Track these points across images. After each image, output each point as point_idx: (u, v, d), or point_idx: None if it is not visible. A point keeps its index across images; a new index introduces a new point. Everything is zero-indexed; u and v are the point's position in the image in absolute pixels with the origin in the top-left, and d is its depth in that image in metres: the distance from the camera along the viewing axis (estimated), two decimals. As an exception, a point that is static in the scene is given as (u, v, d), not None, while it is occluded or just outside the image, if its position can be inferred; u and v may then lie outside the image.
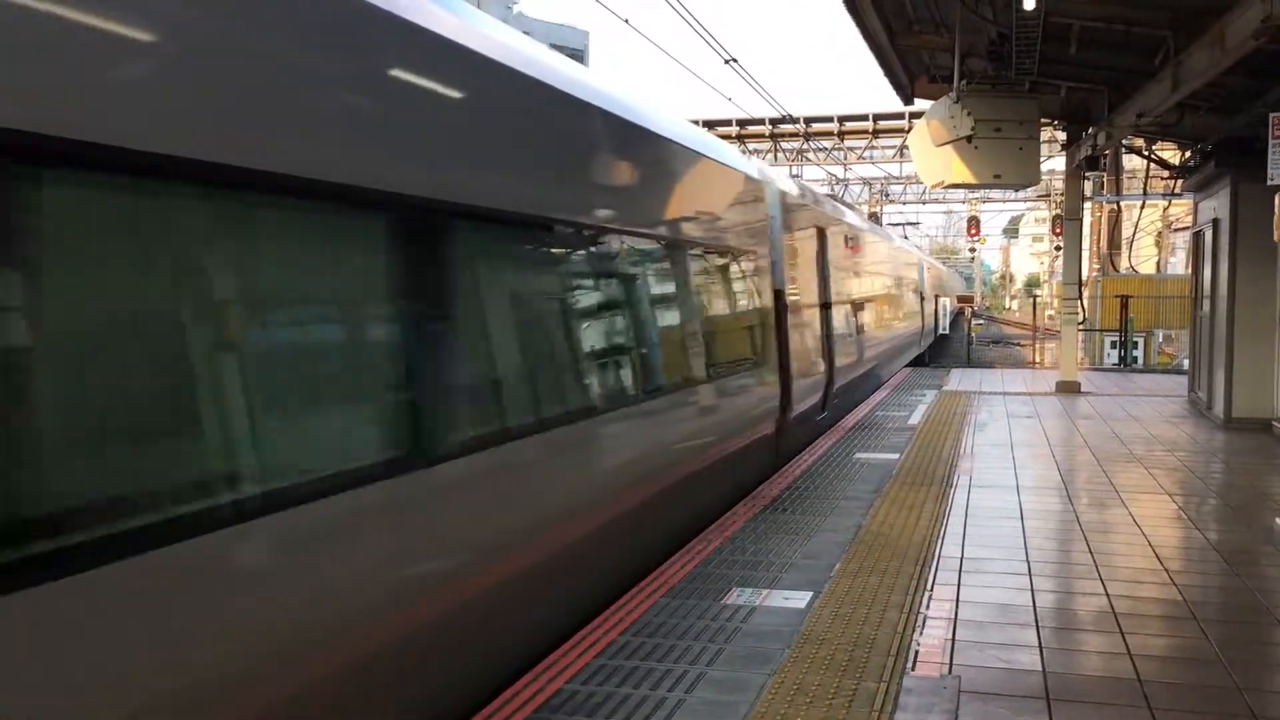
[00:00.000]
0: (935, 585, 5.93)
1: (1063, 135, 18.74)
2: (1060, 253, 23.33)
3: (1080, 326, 19.06)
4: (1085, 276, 26.22)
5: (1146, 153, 18.14)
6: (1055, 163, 30.69)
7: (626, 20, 15.90)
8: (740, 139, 35.92)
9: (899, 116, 35.37)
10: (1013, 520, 7.65)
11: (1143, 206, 28.81)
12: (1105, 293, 27.28)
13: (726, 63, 16.01)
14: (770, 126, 36.40)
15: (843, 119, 37.59)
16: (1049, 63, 12.93)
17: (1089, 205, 26.74)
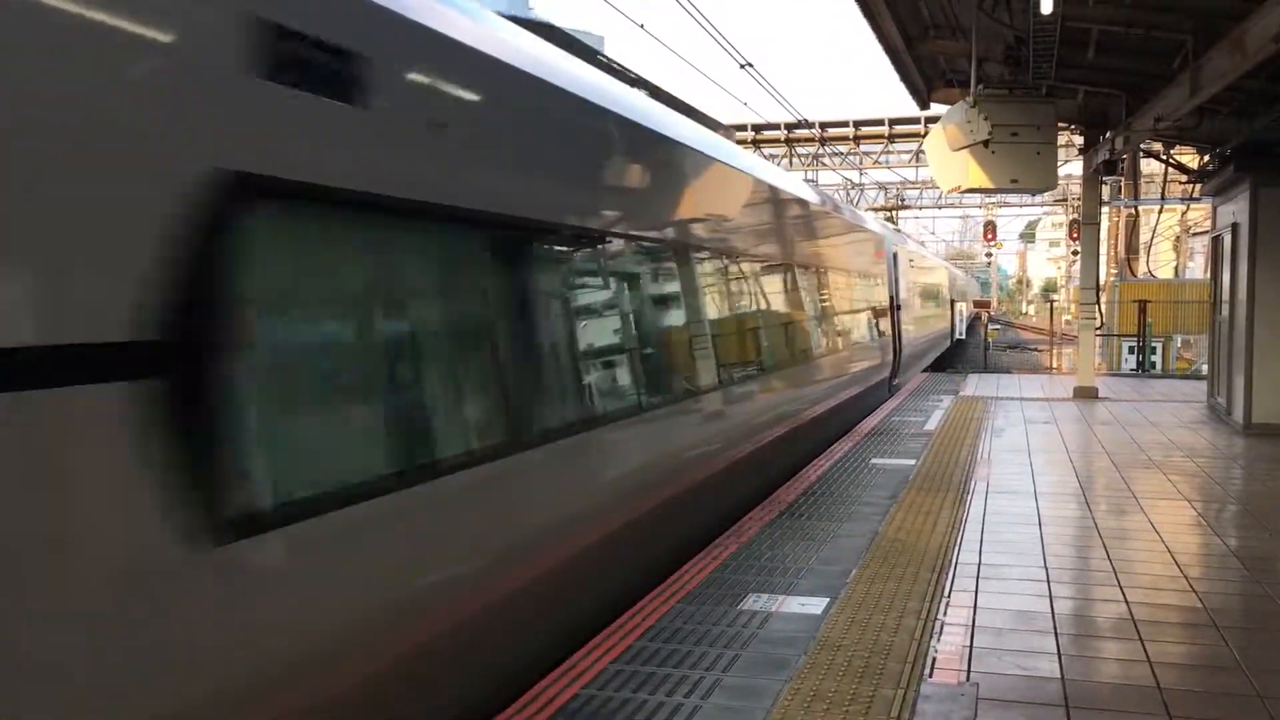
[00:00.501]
0: (953, 591, 5.91)
1: (1080, 139, 18.66)
2: (1077, 257, 23.22)
3: (1098, 332, 18.96)
4: (1103, 281, 26.12)
5: (1164, 157, 18.05)
6: (1072, 167, 30.61)
7: (642, 25, 15.86)
8: (756, 144, 35.89)
9: (915, 121, 35.31)
10: (1030, 526, 7.62)
11: (1160, 211, 28.70)
12: (1123, 298, 27.15)
13: (742, 67, 16.00)
14: (786, 131, 36.37)
15: (858, 124, 37.51)
16: (1066, 67, 12.88)
17: (1106, 210, 26.61)
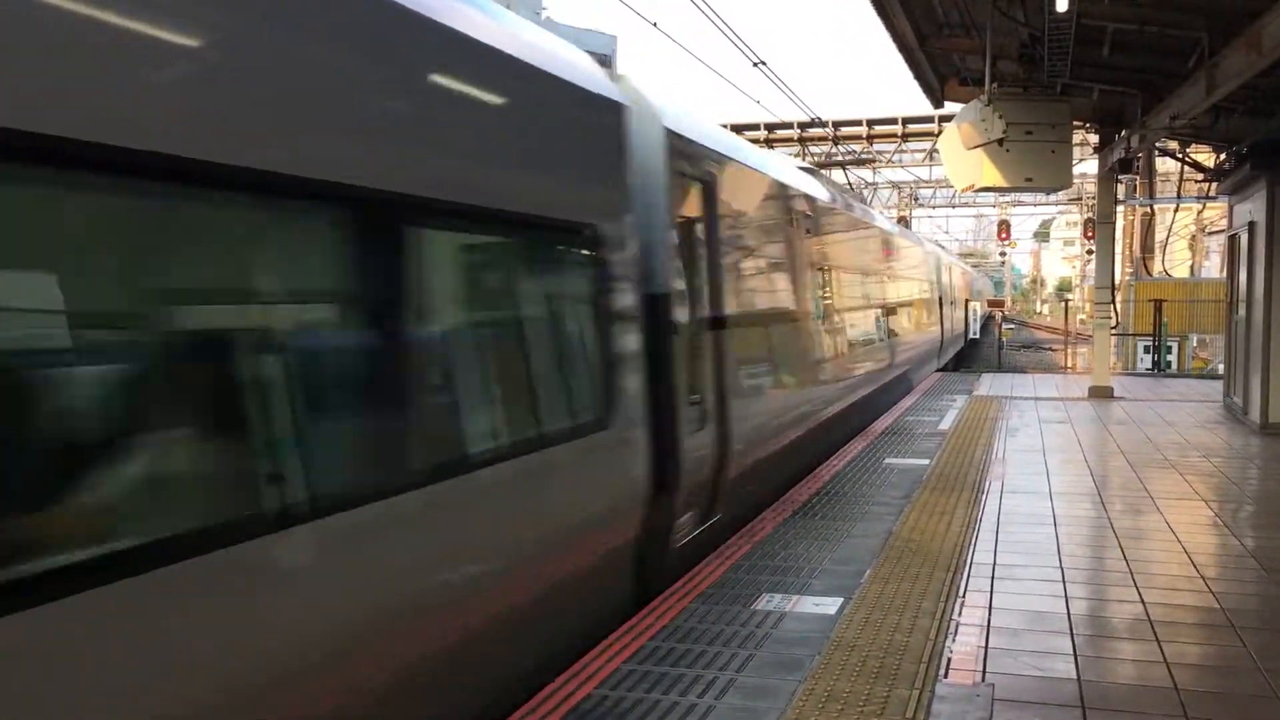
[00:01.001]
0: (967, 592, 5.89)
1: (1095, 138, 18.59)
2: (1092, 256, 23.12)
3: (1113, 331, 18.88)
4: (1118, 280, 25.99)
5: (1180, 155, 17.96)
6: (1087, 166, 30.42)
7: (655, 24, 15.83)
8: (768, 143, 35.83)
9: (928, 120, 35.14)
10: (1046, 526, 7.58)
11: (1176, 210, 28.58)
12: (1138, 297, 27.02)
13: (755, 66, 15.96)
14: (799, 130, 36.29)
15: (871, 122, 37.40)
16: (1081, 65, 12.82)
17: (1122, 209, 26.51)
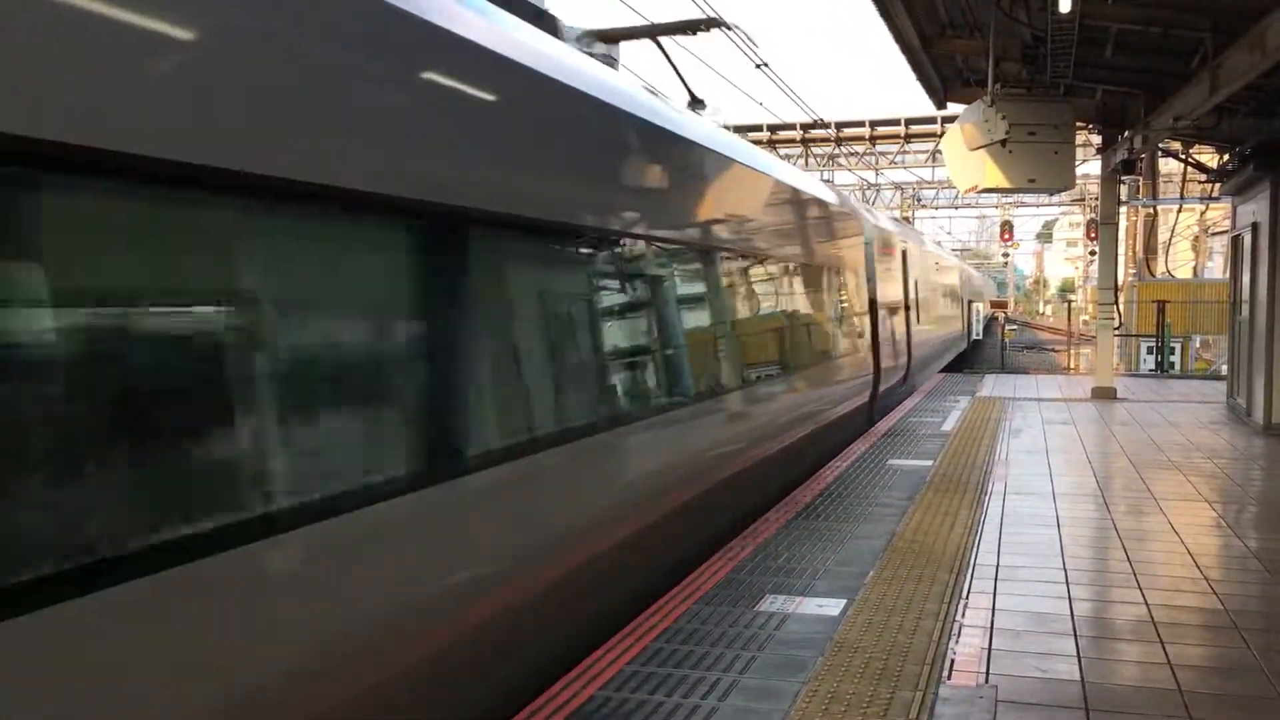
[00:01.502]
0: (971, 593, 5.88)
1: (1098, 139, 18.57)
2: (1095, 257, 23.10)
3: (1116, 332, 18.87)
4: (1121, 281, 25.96)
5: (1183, 156, 17.94)
6: (1090, 166, 30.42)
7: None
8: (771, 144, 35.83)
9: (931, 121, 35.15)
10: (1049, 528, 7.58)
11: (1179, 210, 28.55)
12: (1141, 298, 27.01)
13: (758, 67, 15.97)
14: (801, 131, 36.30)
15: (874, 123, 37.41)
16: (1084, 66, 12.82)
17: (1124, 209, 26.48)
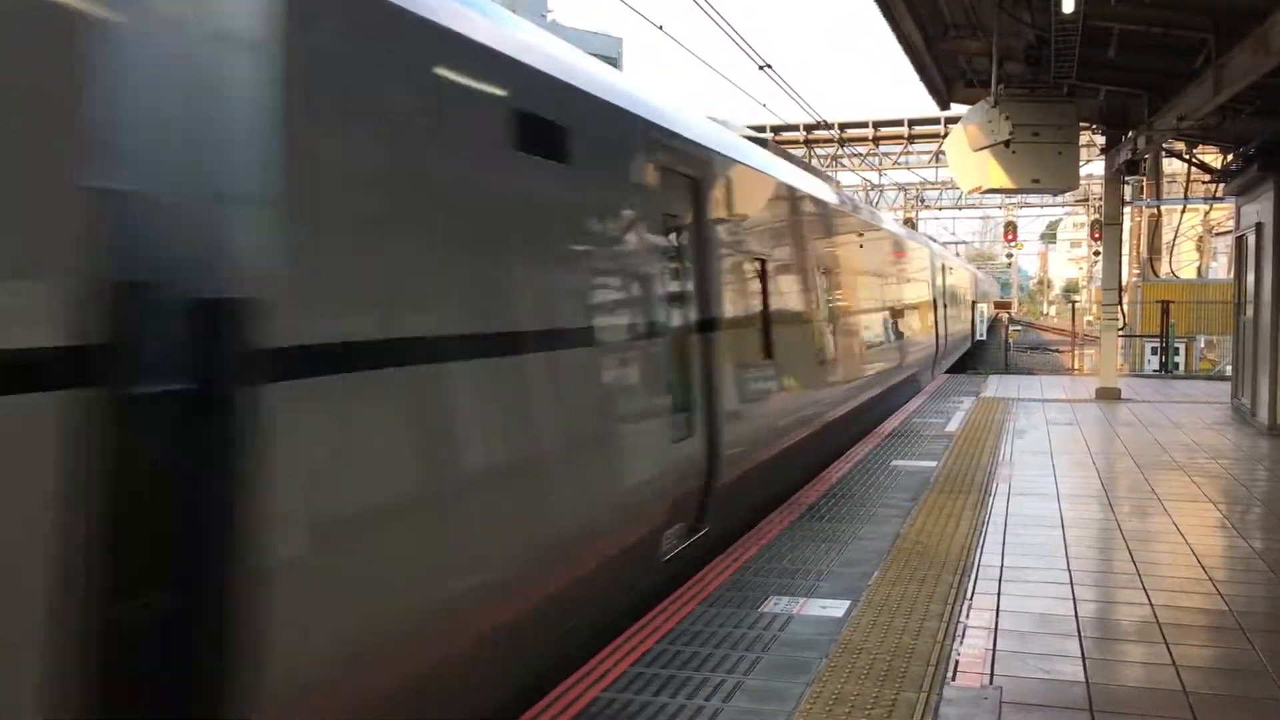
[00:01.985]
0: (975, 594, 5.88)
1: (1101, 139, 18.55)
2: (1099, 258, 23.07)
3: (1120, 332, 18.84)
4: (1125, 282, 25.93)
5: (1187, 156, 17.91)
6: (1094, 167, 30.40)
7: (660, 27, 15.82)
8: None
9: (934, 121, 35.13)
10: (1053, 529, 7.57)
11: (1183, 211, 28.49)
12: (1145, 298, 26.96)
13: (761, 69, 15.96)
14: (805, 132, 36.30)
15: (878, 124, 37.42)
16: (1088, 66, 12.79)
17: (1128, 210, 26.45)
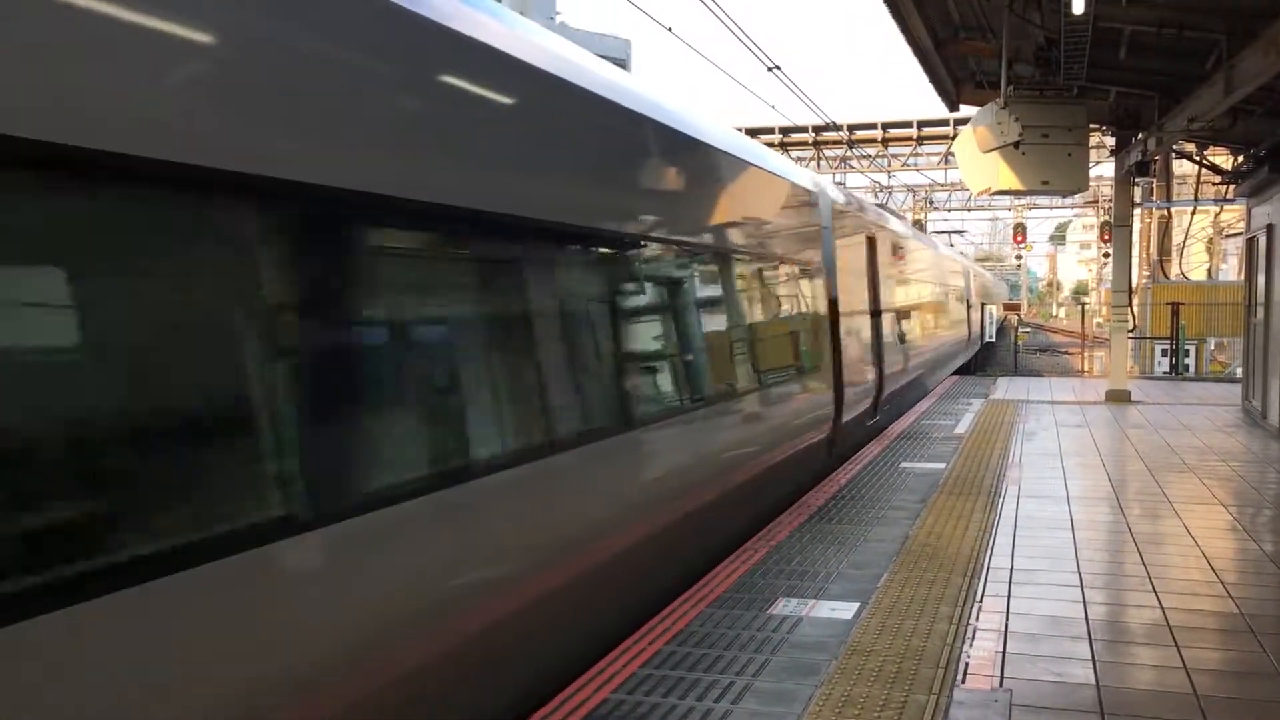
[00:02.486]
0: (985, 597, 5.87)
1: (1111, 140, 18.53)
2: (1109, 259, 23.01)
3: (1130, 334, 18.79)
4: (1135, 284, 25.87)
5: (1197, 158, 17.87)
6: (1104, 168, 30.29)
7: (670, 29, 15.83)
8: (783, 146, 35.84)
9: (944, 123, 35.11)
10: (1063, 531, 7.55)
11: (1194, 212, 28.39)
12: (1156, 300, 26.88)
13: (770, 70, 15.96)
14: (814, 134, 36.31)
15: (886, 126, 37.43)
16: (1098, 68, 12.78)
17: (1138, 211, 26.38)
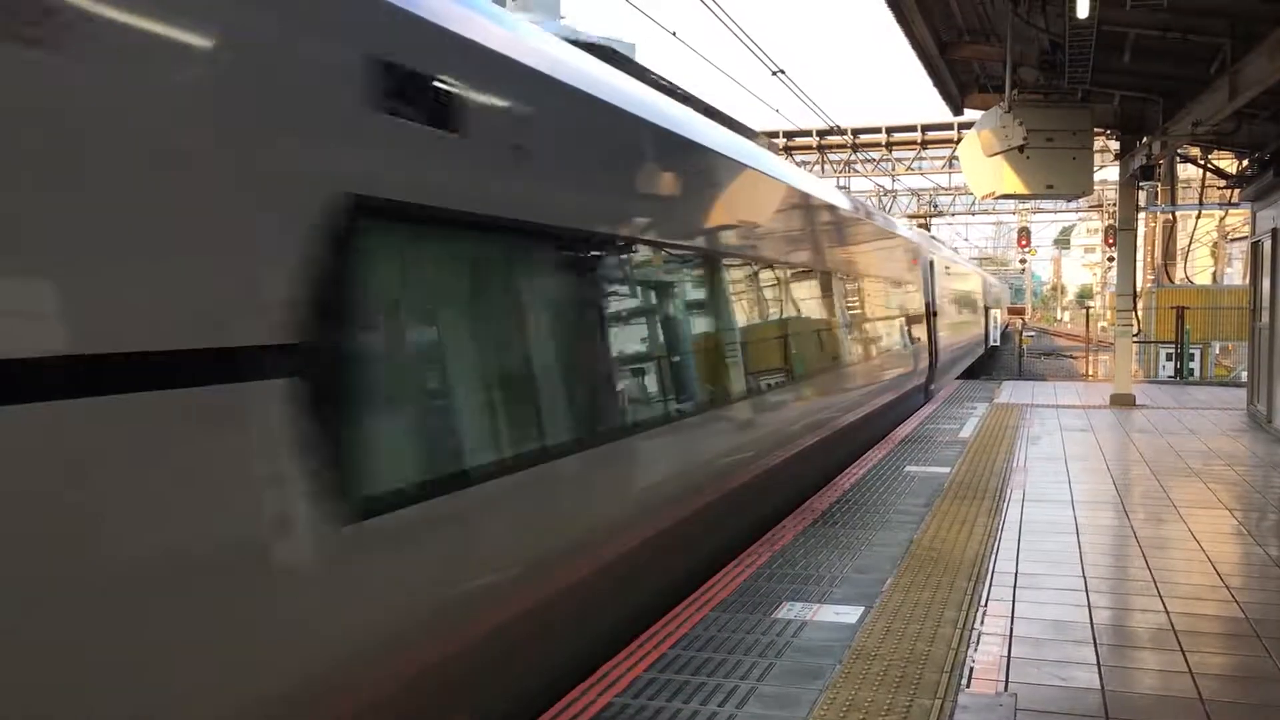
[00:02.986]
0: (989, 601, 5.86)
1: (1116, 145, 18.48)
2: (1113, 264, 22.99)
3: (1135, 338, 18.77)
4: (1140, 288, 25.84)
5: (1202, 162, 17.85)
6: (1108, 172, 30.32)
7: (674, 33, 15.82)
8: (788, 150, 35.86)
9: (948, 127, 35.15)
10: (1068, 535, 7.54)
11: (1198, 216, 28.37)
12: (1160, 304, 26.87)
13: (774, 74, 15.96)
14: (818, 138, 36.34)
15: (890, 130, 37.48)
16: (1102, 72, 12.77)
17: (1143, 215, 26.36)
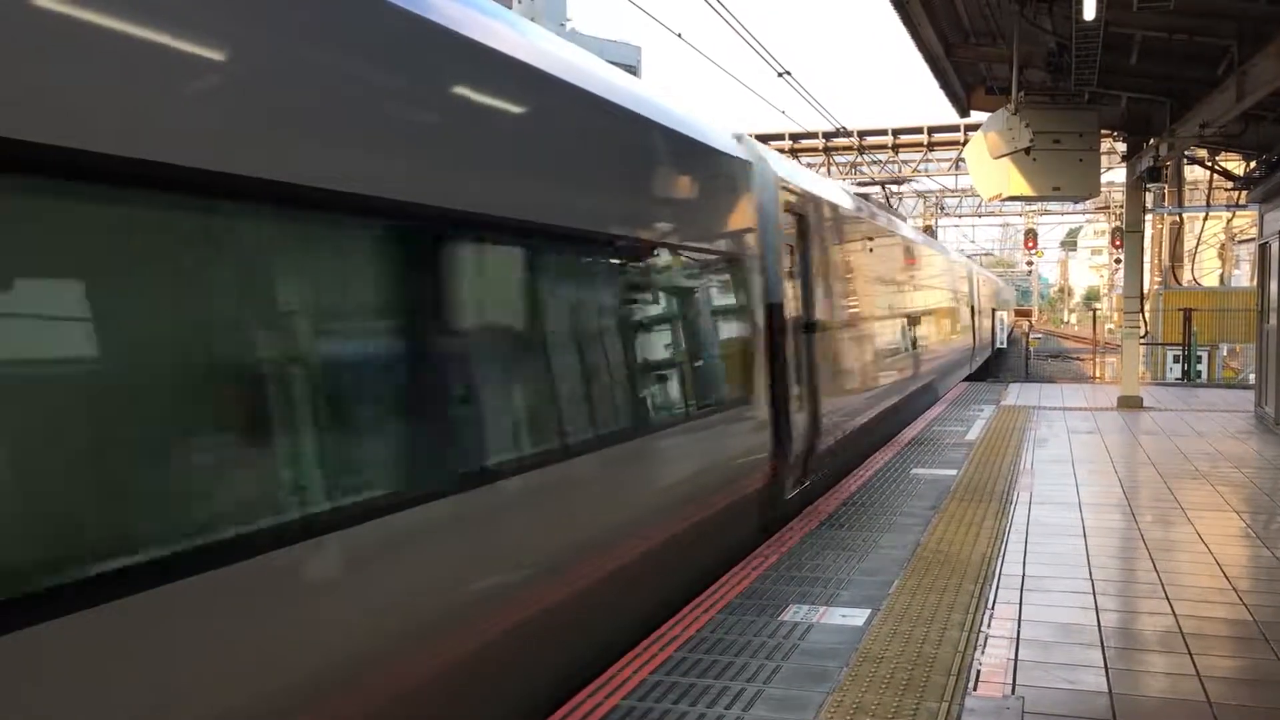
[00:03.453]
0: (996, 603, 5.85)
1: (1123, 146, 18.44)
2: (1120, 265, 22.96)
3: (1142, 340, 18.73)
4: (1147, 289, 25.78)
5: (1209, 163, 17.82)
6: (1115, 174, 30.21)
7: (680, 35, 15.82)
8: (794, 152, 35.83)
9: (954, 129, 35.05)
10: (1075, 537, 7.53)
11: (1205, 218, 28.30)
12: (1167, 306, 26.80)
13: (780, 76, 15.95)
14: (824, 140, 36.27)
15: (897, 131, 37.39)
16: (1109, 73, 12.75)
17: (1150, 217, 26.32)
